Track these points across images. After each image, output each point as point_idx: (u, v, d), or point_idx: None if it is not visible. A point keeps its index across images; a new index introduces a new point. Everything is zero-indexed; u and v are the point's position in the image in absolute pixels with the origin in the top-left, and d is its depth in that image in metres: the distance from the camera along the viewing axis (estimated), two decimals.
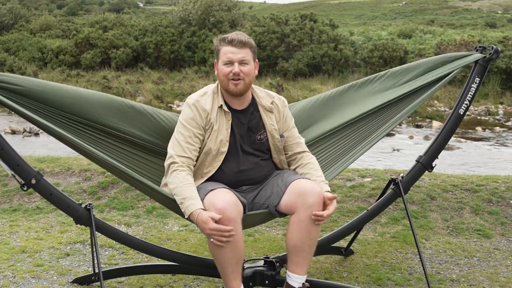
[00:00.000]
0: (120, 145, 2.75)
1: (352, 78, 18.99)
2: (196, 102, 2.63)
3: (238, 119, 2.68)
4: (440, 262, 3.53)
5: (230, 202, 2.44)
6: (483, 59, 2.98)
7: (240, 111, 2.69)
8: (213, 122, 2.62)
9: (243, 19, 26.02)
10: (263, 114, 2.72)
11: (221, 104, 2.64)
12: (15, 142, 10.58)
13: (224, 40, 2.61)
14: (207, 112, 2.61)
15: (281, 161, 2.79)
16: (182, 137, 2.59)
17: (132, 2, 77.62)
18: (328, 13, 55.89)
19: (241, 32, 2.67)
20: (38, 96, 2.49)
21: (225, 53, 2.60)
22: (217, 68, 2.65)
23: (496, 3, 60.60)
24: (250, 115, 2.70)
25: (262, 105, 2.73)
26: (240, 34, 2.62)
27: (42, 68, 22.71)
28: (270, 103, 2.74)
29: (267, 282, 2.81)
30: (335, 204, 2.58)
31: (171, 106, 16.49)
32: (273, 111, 2.74)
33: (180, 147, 2.58)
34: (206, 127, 2.62)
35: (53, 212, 4.42)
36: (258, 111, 2.72)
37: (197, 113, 2.61)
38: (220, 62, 2.62)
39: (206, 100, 2.64)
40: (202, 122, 2.61)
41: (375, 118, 3.12)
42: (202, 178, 2.65)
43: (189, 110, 2.63)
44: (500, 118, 14.48)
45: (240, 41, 2.59)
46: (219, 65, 2.63)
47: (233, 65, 2.59)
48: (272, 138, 2.72)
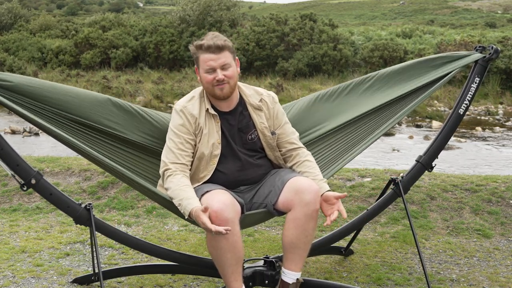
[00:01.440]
0: (117, 145, 2.74)
1: (352, 78, 18.89)
2: (183, 108, 2.62)
3: (227, 121, 2.67)
4: (440, 262, 3.53)
5: (226, 202, 2.43)
6: (483, 59, 2.98)
7: (228, 112, 2.67)
8: (202, 126, 2.61)
9: (242, 19, 26.01)
10: (252, 113, 2.70)
11: (207, 108, 2.63)
12: (15, 142, 10.58)
13: (200, 47, 2.57)
14: (195, 117, 2.61)
15: (277, 158, 2.78)
16: (174, 144, 2.59)
17: (132, 2, 77.61)
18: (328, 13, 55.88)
19: (215, 33, 2.61)
20: (31, 93, 2.47)
21: (205, 61, 2.56)
22: (199, 75, 2.63)
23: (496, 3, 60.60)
24: (239, 115, 2.68)
25: (251, 104, 2.70)
26: (215, 38, 2.56)
27: (42, 68, 22.73)
28: (258, 100, 2.72)
29: (267, 282, 2.81)
30: (340, 203, 2.56)
31: (171, 106, 16.50)
32: (262, 109, 2.71)
33: (173, 154, 2.58)
34: (196, 132, 2.61)
35: (53, 212, 4.42)
36: (247, 110, 2.70)
37: (185, 119, 2.60)
38: (202, 70, 2.59)
39: (193, 105, 2.63)
40: (191, 127, 2.60)
41: (374, 118, 3.12)
42: (198, 182, 2.65)
43: (178, 116, 2.62)
44: (500, 118, 14.48)
45: (218, 46, 2.55)
46: (201, 73, 2.60)
47: (215, 71, 2.56)
48: (264, 136, 2.71)
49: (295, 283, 2.63)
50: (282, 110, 2.81)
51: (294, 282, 2.63)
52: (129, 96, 17.06)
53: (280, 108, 2.79)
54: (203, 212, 2.33)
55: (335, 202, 2.54)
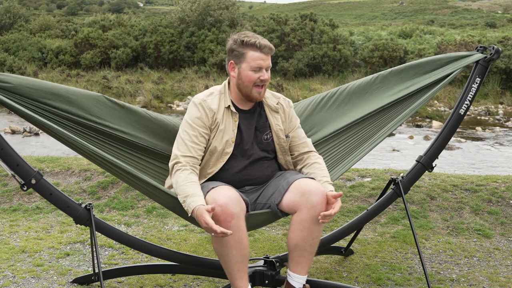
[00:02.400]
0: (120, 147, 2.73)
1: (352, 78, 18.99)
2: (202, 101, 2.62)
3: (246, 119, 2.67)
4: (440, 262, 3.53)
5: (232, 197, 2.41)
6: (483, 59, 2.98)
7: (247, 111, 2.69)
8: (219, 122, 2.60)
9: (242, 18, 26.01)
10: (269, 115, 2.71)
11: (229, 105, 2.63)
12: (15, 142, 10.58)
13: (252, 44, 2.55)
14: (214, 112, 2.60)
15: (287, 162, 2.78)
16: (188, 137, 2.57)
17: (132, 2, 77.58)
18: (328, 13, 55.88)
19: (258, 35, 2.61)
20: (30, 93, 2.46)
21: (254, 59, 2.55)
22: (238, 72, 2.60)
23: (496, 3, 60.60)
24: (257, 115, 2.70)
25: (268, 105, 2.72)
26: (264, 39, 2.58)
27: (42, 68, 22.72)
28: (276, 103, 2.74)
29: (267, 282, 2.81)
30: (340, 202, 2.55)
31: (171, 106, 16.50)
32: (279, 111, 2.73)
33: (186, 146, 2.56)
34: (212, 127, 2.61)
35: (53, 212, 4.42)
36: (265, 110, 2.72)
37: (203, 112, 2.59)
38: (246, 67, 2.57)
39: (212, 100, 2.63)
40: (208, 121, 2.60)
41: (378, 119, 3.12)
42: (205, 177, 2.64)
43: (196, 109, 2.61)
44: (500, 118, 14.48)
45: (270, 48, 2.57)
46: (245, 70, 2.57)
47: (261, 71, 2.56)
48: (278, 138, 2.72)
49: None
50: (296, 115, 2.83)
51: (301, 287, 2.62)
52: (129, 96, 17.06)
53: (294, 113, 2.82)
54: (207, 212, 2.30)
55: (334, 202, 2.54)
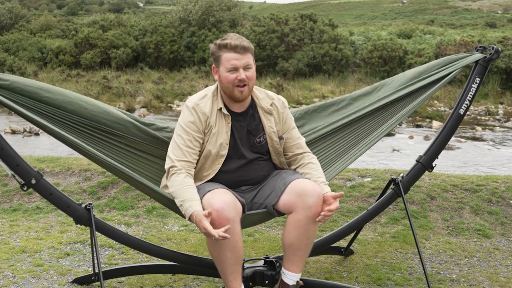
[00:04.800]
0: (118, 144, 2.73)
1: (352, 78, 19.01)
2: (195, 105, 2.61)
3: (238, 122, 2.66)
4: (440, 262, 3.53)
5: (228, 202, 2.43)
6: (483, 59, 2.98)
7: (239, 113, 2.67)
8: (212, 125, 2.60)
9: (243, 19, 26.01)
10: (262, 117, 2.70)
11: (221, 107, 2.63)
12: (15, 142, 10.58)
13: (225, 46, 2.55)
14: (207, 116, 2.60)
15: (281, 163, 2.78)
16: (182, 141, 2.58)
17: (132, 2, 77.61)
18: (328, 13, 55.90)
19: (237, 35, 2.61)
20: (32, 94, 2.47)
21: (228, 60, 2.55)
22: (219, 75, 2.61)
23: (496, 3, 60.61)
24: (250, 117, 2.69)
25: (262, 107, 2.71)
26: (240, 39, 2.57)
27: (42, 68, 22.71)
28: (269, 105, 2.72)
29: (267, 282, 2.81)
30: (338, 202, 2.55)
31: (171, 106, 16.49)
32: (272, 113, 2.72)
33: (180, 151, 2.57)
34: (205, 131, 2.61)
35: (53, 212, 4.42)
36: (258, 113, 2.71)
37: (196, 116, 2.59)
38: (223, 69, 2.57)
39: (205, 103, 2.62)
40: (202, 125, 2.60)
41: (375, 118, 3.12)
42: (201, 181, 2.65)
43: (189, 113, 2.61)
44: (500, 118, 14.48)
45: (243, 47, 2.55)
46: (222, 72, 2.58)
47: (238, 71, 2.55)
48: (271, 140, 2.71)
49: (295, 285, 2.64)
50: (291, 115, 2.82)
51: (294, 284, 2.63)
52: (129, 96, 17.06)
53: (289, 113, 2.80)
54: (205, 217, 2.33)
55: (333, 202, 2.55)
